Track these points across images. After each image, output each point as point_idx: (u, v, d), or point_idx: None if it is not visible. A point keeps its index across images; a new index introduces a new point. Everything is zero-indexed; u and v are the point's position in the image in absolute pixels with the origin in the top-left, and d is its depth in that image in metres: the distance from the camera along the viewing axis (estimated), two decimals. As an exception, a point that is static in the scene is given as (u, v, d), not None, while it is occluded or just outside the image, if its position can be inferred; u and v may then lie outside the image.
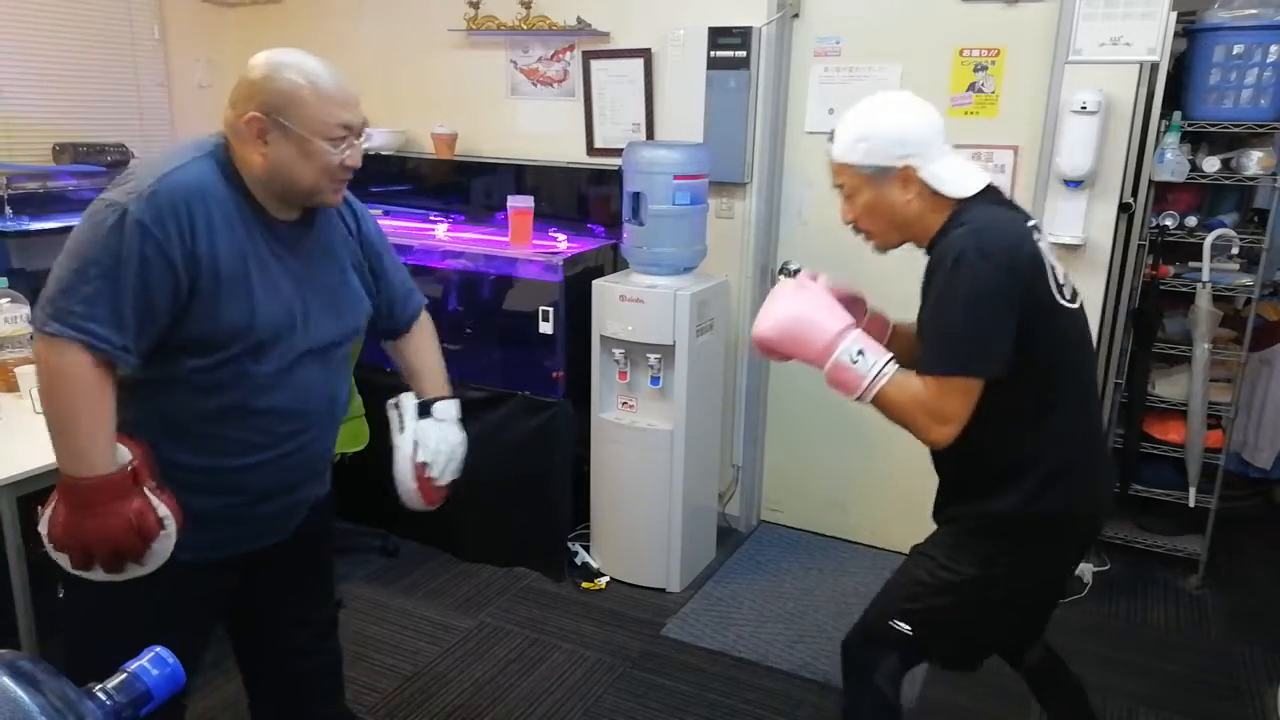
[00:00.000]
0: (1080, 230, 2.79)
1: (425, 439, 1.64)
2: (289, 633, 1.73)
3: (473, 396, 3.10)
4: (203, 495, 1.41)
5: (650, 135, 3.34)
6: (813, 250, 3.13)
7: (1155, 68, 2.67)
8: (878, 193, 1.60)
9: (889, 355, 1.54)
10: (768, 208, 3.29)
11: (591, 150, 3.47)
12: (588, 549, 3.21)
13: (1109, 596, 3.05)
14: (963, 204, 1.57)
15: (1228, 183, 2.88)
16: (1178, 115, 2.80)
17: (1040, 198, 2.85)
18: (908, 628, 1.67)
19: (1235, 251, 2.92)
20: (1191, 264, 2.97)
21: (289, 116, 1.36)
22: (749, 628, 2.87)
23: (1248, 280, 2.90)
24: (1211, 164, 2.83)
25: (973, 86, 2.95)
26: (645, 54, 3.27)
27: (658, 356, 2.93)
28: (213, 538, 1.45)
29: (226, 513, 1.47)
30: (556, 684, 2.58)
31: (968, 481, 1.66)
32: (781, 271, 1.69)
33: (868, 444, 3.28)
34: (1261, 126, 2.74)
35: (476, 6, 3.51)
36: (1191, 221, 2.94)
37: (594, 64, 3.37)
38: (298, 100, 1.36)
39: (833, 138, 1.63)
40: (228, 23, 4.10)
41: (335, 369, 1.56)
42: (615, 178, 3.16)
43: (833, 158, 1.63)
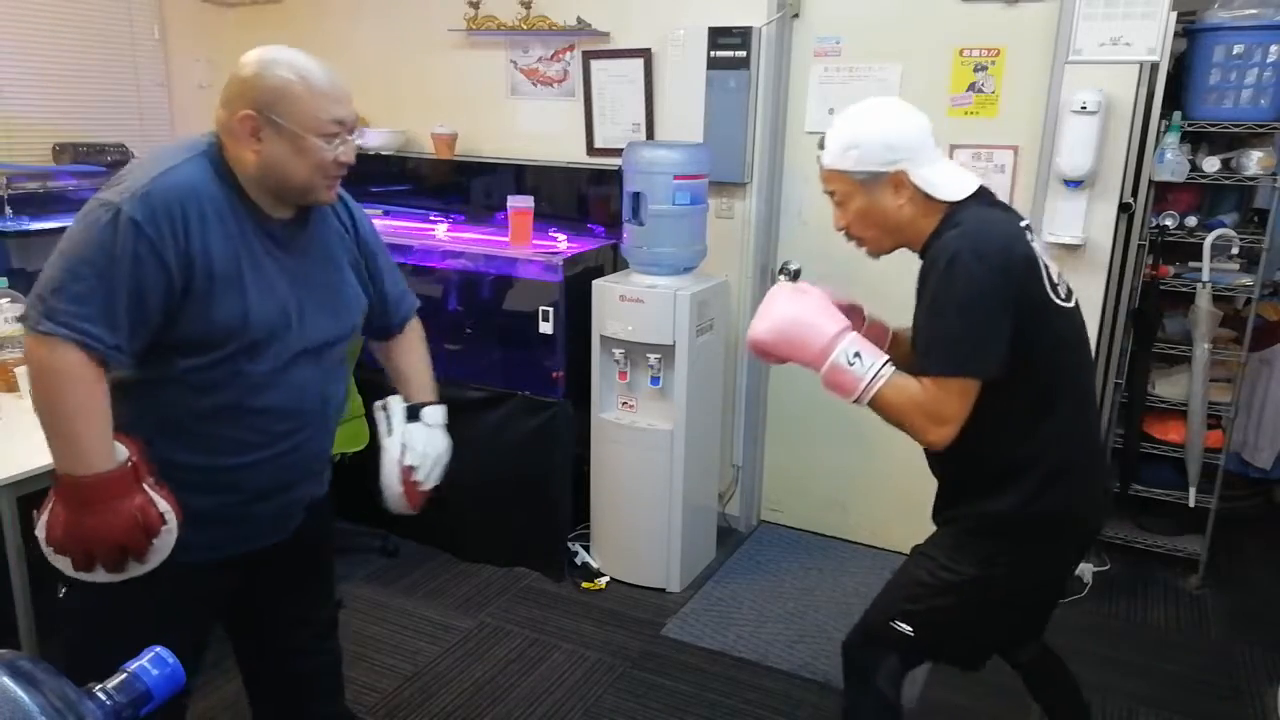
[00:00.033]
0: (1080, 230, 2.79)
1: (413, 442, 1.65)
2: (289, 633, 1.73)
3: (473, 396, 3.11)
4: (198, 494, 1.40)
5: (650, 135, 3.34)
6: (813, 250, 3.12)
7: (1155, 68, 2.67)
8: (870, 199, 1.60)
9: (886, 357, 1.54)
10: (768, 208, 3.29)
11: (591, 150, 3.47)
12: (588, 549, 3.21)
13: (1109, 596, 3.05)
14: (955, 207, 1.58)
15: (1228, 183, 2.88)
16: (1178, 115, 2.80)
17: (1040, 198, 2.85)
18: (909, 628, 1.67)
19: (1235, 251, 2.92)
20: (1191, 264, 2.97)
21: (281, 113, 1.36)
22: (749, 628, 2.87)
23: (1248, 280, 2.90)
24: (1211, 164, 2.83)
25: (973, 86, 2.95)
26: (645, 54, 3.27)
27: (658, 356, 2.93)
28: (210, 537, 1.45)
29: (223, 512, 1.46)
30: (556, 684, 2.58)
31: (967, 482, 1.66)
32: (781, 271, 1.69)
33: (868, 444, 3.28)
34: (1261, 126, 2.74)
35: (476, 6, 3.51)
36: (1191, 221, 2.94)
37: (594, 64, 3.37)
38: (290, 97, 1.36)
39: (823, 145, 1.64)
40: (228, 23, 4.10)
41: (331, 368, 1.57)
42: (615, 178, 3.16)
43: (824, 165, 1.64)
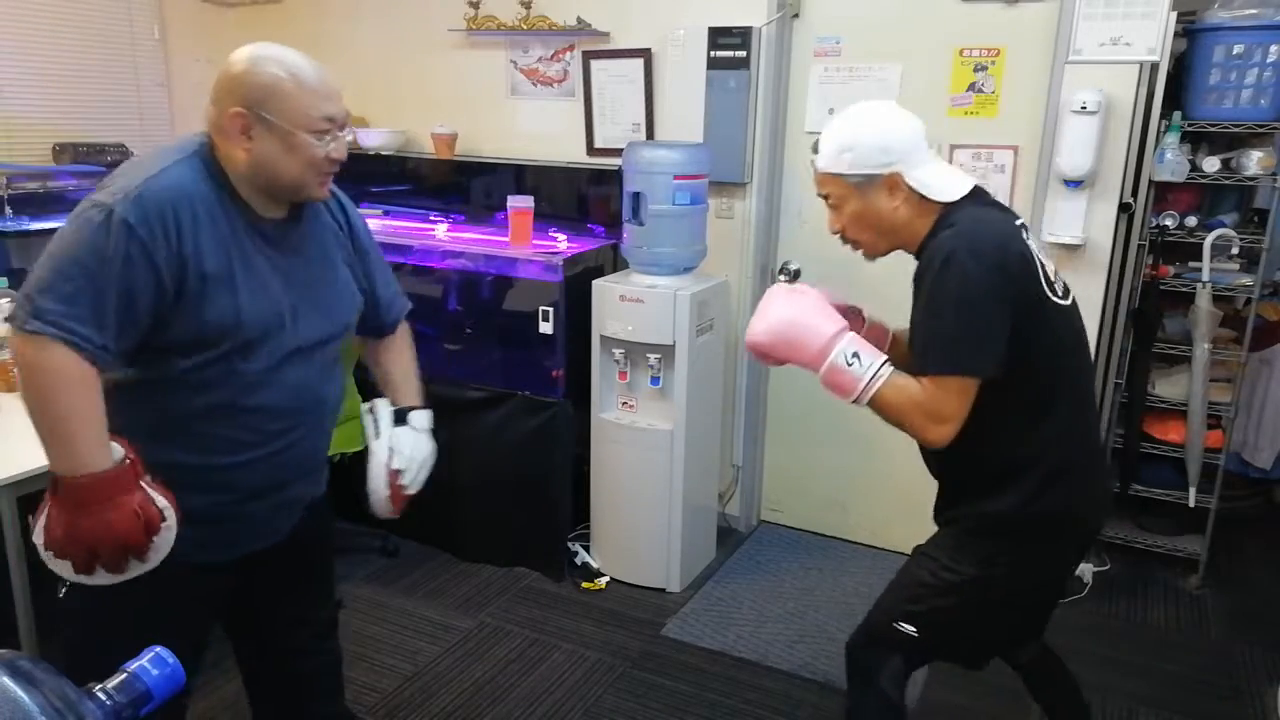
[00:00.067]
0: (1080, 230, 2.79)
1: (401, 446, 1.65)
2: (288, 633, 1.73)
3: (473, 396, 3.10)
4: (193, 494, 1.39)
5: (650, 135, 3.34)
6: (812, 250, 3.12)
7: (1155, 68, 2.67)
8: (865, 201, 1.61)
9: (884, 357, 1.55)
10: (768, 208, 3.29)
11: (591, 150, 3.47)
12: (588, 549, 3.21)
13: (1109, 596, 3.05)
14: (950, 207, 1.58)
15: (1228, 183, 2.88)
16: (1178, 115, 2.80)
17: (1040, 198, 2.85)
18: (912, 629, 1.67)
19: (1235, 251, 2.92)
20: (1191, 264, 2.97)
21: (271, 110, 1.36)
22: (749, 628, 2.87)
23: (1248, 280, 2.90)
24: (1211, 164, 2.83)
25: (973, 86, 2.95)
26: (645, 54, 3.27)
27: (658, 356, 2.93)
28: (207, 537, 1.45)
29: (218, 511, 1.46)
30: (556, 684, 2.58)
31: (967, 482, 1.66)
32: (781, 272, 1.69)
33: (868, 444, 3.28)
34: (1261, 126, 2.74)
35: (476, 6, 3.51)
36: (1191, 221, 2.94)
37: (594, 64, 3.37)
38: (280, 93, 1.36)
39: (816, 149, 1.64)
40: (228, 23, 4.10)
41: (326, 367, 1.56)
42: (615, 178, 3.16)
43: (818, 169, 1.64)
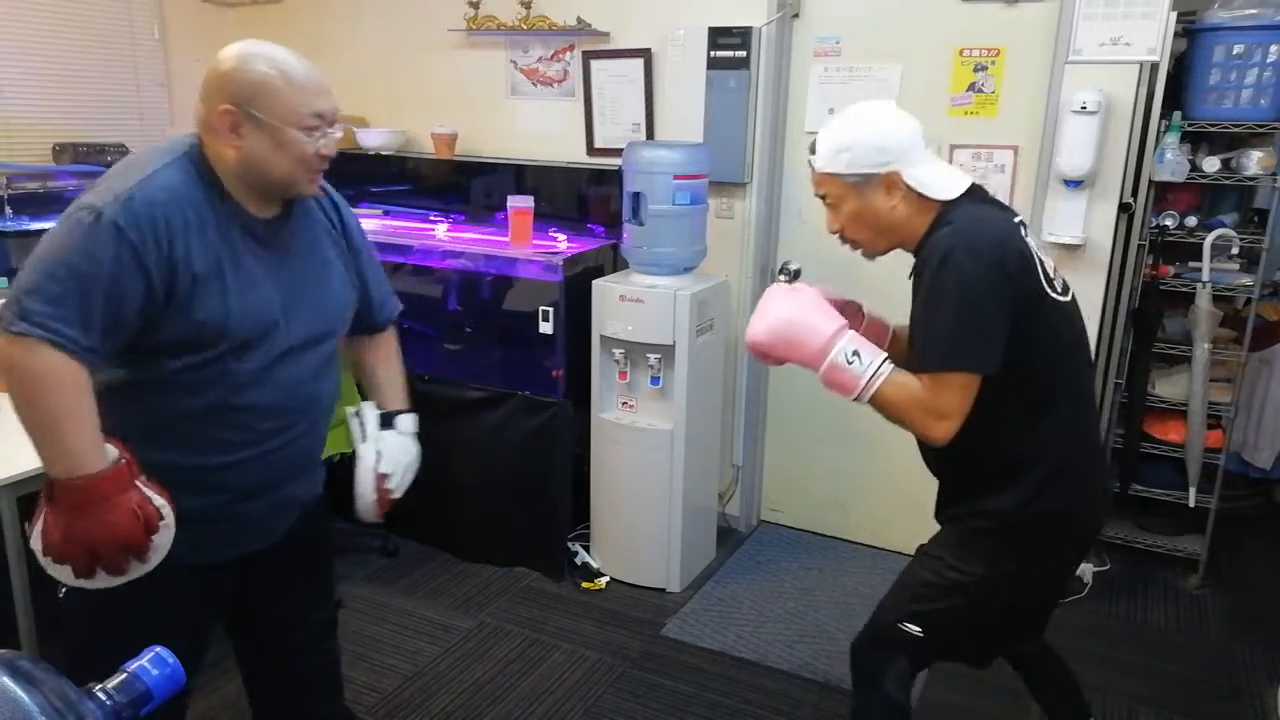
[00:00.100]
0: (1080, 230, 2.79)
1: (388, 450, 1.65)
2: (287, 633, 1.73)
3: (473, 396, 3.10)
4: (187, 494, 1.39)
5: (650, 135, 3.34)
6: (812, 250, 3.12)
7: (1155, 68, 2.67)
8: (863, 201, 1.61)
9: (884, 355, 1.55)
10: (768, 208, 3.29)
11: (591, 150, 3.47)
12: (588, 549, 3.21)
13: (1109, 596, 3.04)
14: (947, 205, 1.58)
15: (1228, 183, 2.88)
16: (1178, 115, 2.80)
17: (1040, 198, 2.85)
18: (918, 630, 1.67)
19: (1235, 251, 2.92)
20: (1191, 264, 2.97)
21: (261, 107, 1.35)
22: (749, 628, 2.87)
23: (1248, 280, 2.90)
24: (1211, 164, 2.83)
25: (973, 86, 2.95)
26: (645, 54, 3.27)
27: (658, 356, 2.93)
28: (202, 538, 1.44)
29: (212, 512, 1.46)
30: (556, 684, 2.58)
31: (968, 481, 1.66)
32: (781, 271, 1.69)
33: (868, 444, 3.28)
34: (1261, 126, 2.74)
35: (476, 6, 3.51)
36: (1191, 221, 2.94)
37: (594, 64, 3.37)
38: (269, 90, 1.35)
39: (813, 150, 1.64)
40: (228, 23, 4.10)
41: (320, 365, 1.55)
42: (615, 178, 3.16)
43: (815, 169, 1.64)
